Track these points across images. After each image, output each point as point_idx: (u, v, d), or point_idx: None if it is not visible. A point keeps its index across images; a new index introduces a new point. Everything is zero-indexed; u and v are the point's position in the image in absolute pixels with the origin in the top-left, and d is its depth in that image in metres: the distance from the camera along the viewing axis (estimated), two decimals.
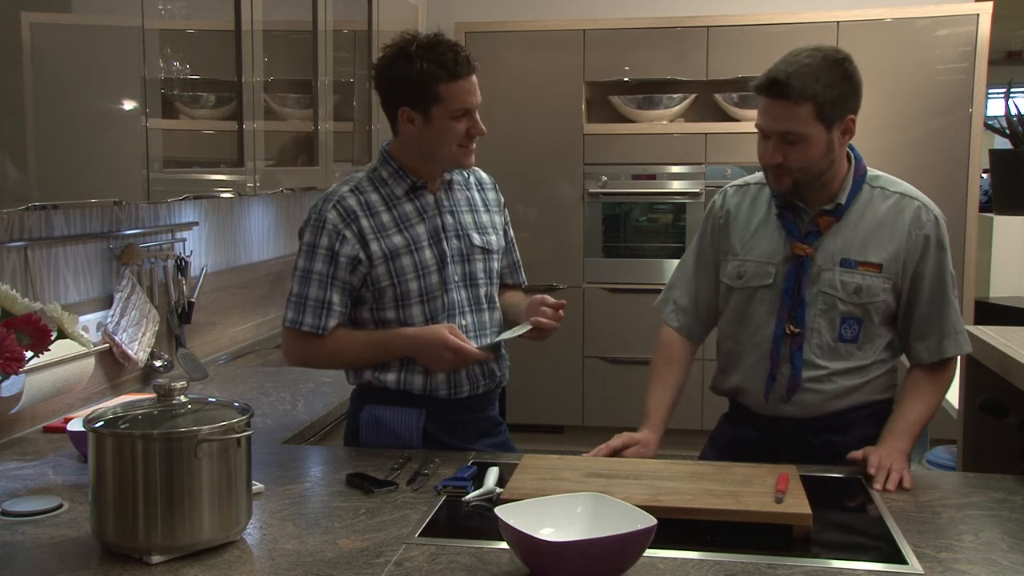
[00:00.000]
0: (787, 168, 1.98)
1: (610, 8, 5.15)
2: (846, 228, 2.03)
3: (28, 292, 2.28)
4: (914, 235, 2.02)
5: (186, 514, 1.50)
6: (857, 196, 2.04)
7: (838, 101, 1.93)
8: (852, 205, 2.04)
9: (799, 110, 1.92)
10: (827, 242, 2.03)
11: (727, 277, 2.14)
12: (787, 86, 1.91)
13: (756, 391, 2.10)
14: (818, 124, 1.93)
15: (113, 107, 2.17)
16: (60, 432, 2.26)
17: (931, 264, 2.02)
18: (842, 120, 1.96)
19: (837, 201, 2.03)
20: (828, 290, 2.02)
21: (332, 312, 2.07)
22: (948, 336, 2.03)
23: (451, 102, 2.03)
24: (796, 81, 1.91)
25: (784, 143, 1.96)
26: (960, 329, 2.04)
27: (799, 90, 1.91)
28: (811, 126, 1.93)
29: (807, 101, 1.91)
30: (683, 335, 2.23)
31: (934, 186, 2.14)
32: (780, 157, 1.97)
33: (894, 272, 2.02)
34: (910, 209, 2.04)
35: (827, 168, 1.99)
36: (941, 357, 2.04)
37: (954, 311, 2.04)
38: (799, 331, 2.03)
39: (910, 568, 1.51)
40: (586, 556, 1.40)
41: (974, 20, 4.55)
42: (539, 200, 5.01)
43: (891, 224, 2.03)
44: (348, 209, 2.07)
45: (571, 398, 5.05)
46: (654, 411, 2.15)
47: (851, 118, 1.97)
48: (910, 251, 2.02)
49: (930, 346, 2.04)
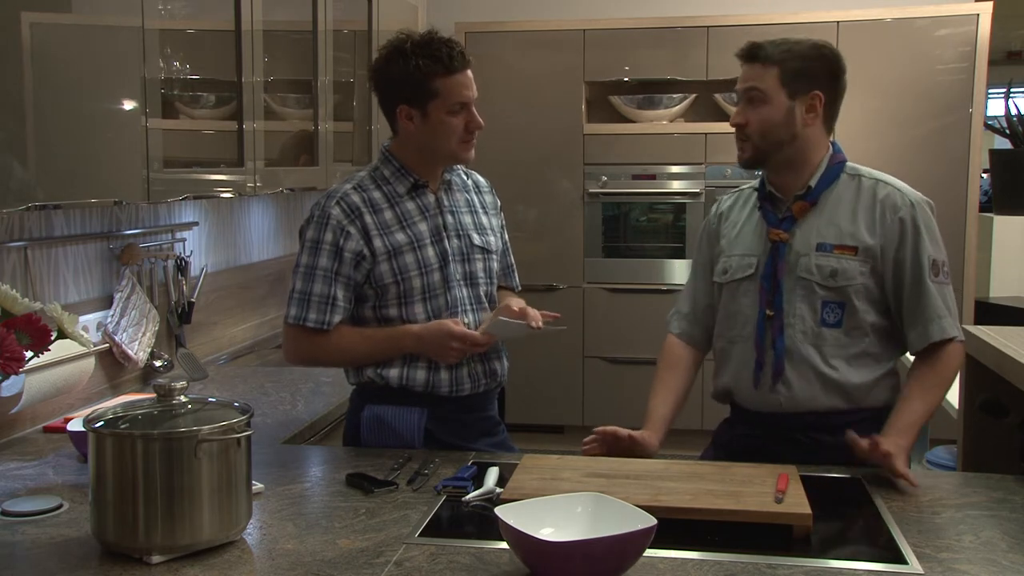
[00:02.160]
0: (748, 133, 2.06)
1: (610, 8, 5.15)
2: (822, 214, 2.07)
3: (28, 292, 2.28)
4: (889, 219, 2.04)
5: (186, 514, 1.50)
6: (834, 184, 2.08)
7: (804, 73, 2.03)
8: (828, 191, 2.07)
9: (765, 72, 2.03)
10: (803, 228, 2.07)
11: (716, 275, 2.19)
12: (760, 49, 2.05)
13: (745, 383, 2.11)
14: (781, 88, 2.03)
15: (113, 107, 2.17)
16: (60, 432, 2.26)
17: (909, 248, 2.03)
18: (806, 94, 2.03)
19: (808, 184, 2.06)
20: (805, 275, 2.05)
21: (337, 308, 2.07)
22: (932, 321, 2.02)
23: (448, 96, 2.04)
24: (769, 47, 2.04)
25: (748, 105, 2.06)
26: (943, 314, 2.03)
27: (768, 54, 2.04)
28: (774, 88, 2.03)
29: (774, 65, 2.03)
30: (684, 341, 2.27)
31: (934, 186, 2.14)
32: (743, 118, 2.07)
33: (871, 256, 2.03)
34: (885, 194, 2.06)
35: (788, 140, 2.04)
36: (928, 342, 2.03)
37: (934, 296, 2.02)
38: (772, 314, 2.06)
39: (910, 568, 1.51)
40: (586, 556, 1.40)
41: (974, 20, 4.56)
42: (539, 200, 5.02)
43: (867, 209, 2.05)
44: (352, 205, 2.08)
45: (571, 398, 5.05)
46: (654, 411, 2.16)
47: (817, 94, 2.04)
48: (887, 236, 2.03)
49: (919, 333, 2.04)
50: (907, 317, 2.05)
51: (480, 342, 2.08)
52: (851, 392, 2.06)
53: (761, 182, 2.15)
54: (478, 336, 2.07)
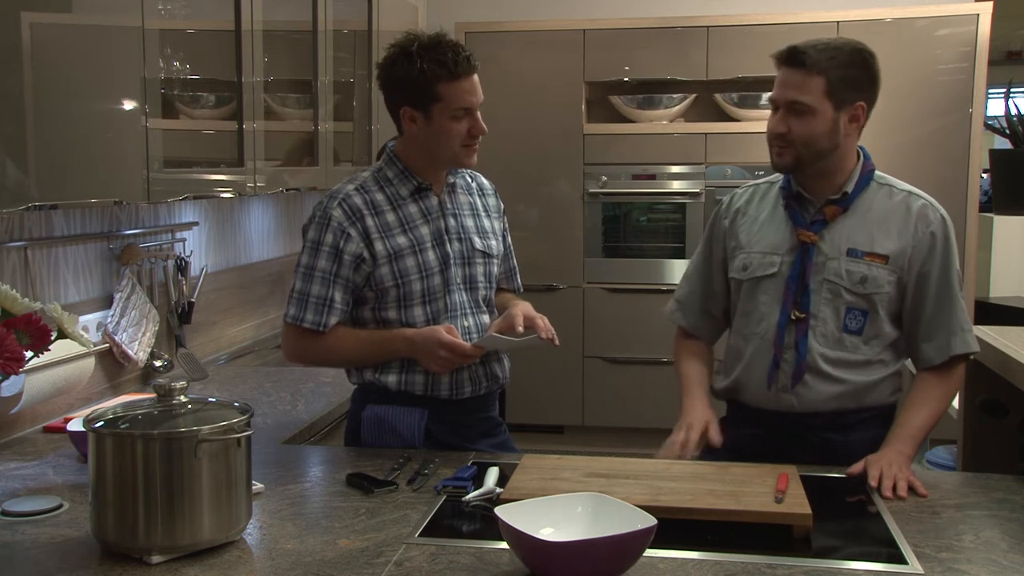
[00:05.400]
0: (790, 140, 2.01)
1: (610, 8, 5.15)
2: (853, 219, 2.05)
3: (28, 292, 2.28)
4: (921, 231, 2.03)
5: (186, 514, 1.50)
6: (865, 190, 2.07)
7: (850, 83, 1.98)
8: (859, 198, 2.06)
9: (811, 81, 1.97)
10: (834, 232, 2.05)
11: (735, 271, 2.16)
12: (804, 55, 1.97)
13: (757, 382, 2.10)
14: (826, 100, 1.97)
15: (113, 107, 2.17)
16: (60, 432, 2.26)
17: (938, 262, 2.03)
18: (851, 104, 1.99)
19: (844, 190, 2.05)
20: (833, 279, 2.03)
21: (334, 310, 2.07)
22: (955, 334, 2.03)
23: (451, 101, 2.03)
24: (813, 53, 1.97)
25: (791, 113, 2.00)
26: (967, 328, 2.04)
27: (814, 61, 1.97)
28: (820, 100, 1.97)
29: (820, 74, 1.96)
30: (689, 329, 2.27)
31: (934, 186, 2.14)
32: (785, 127, 2.01)
33: (900, 266, 2.03)
34: (917, 206, 2.05)
35: (830, 150, 2.01)
36: (949, 355, 2.03)
37: (961, 309, 2.04)
38: (804, 316, 2.04)
39: (910, 568, 1.51)
40: (586, 556, 1.40)
41: (974, 20, 4.56)
42: (539, 200, 5.02)
43: (899, 219, 2.04)
44: (353, 207, 2.08)
45: (571, 398, 5.05)
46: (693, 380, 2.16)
47: (860, 105, 2.01)
48: (917, 247, 2.03)
49: (940, 345, 2.03)
50: (925, 329, 2.04)
51: (469, 354, 2.06)
52: (861, 393, 2.06)
53: (787, 181, 2.12)
54: (467, 348, 2.05)
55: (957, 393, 2.13)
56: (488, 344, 2.10)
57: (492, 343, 2.10)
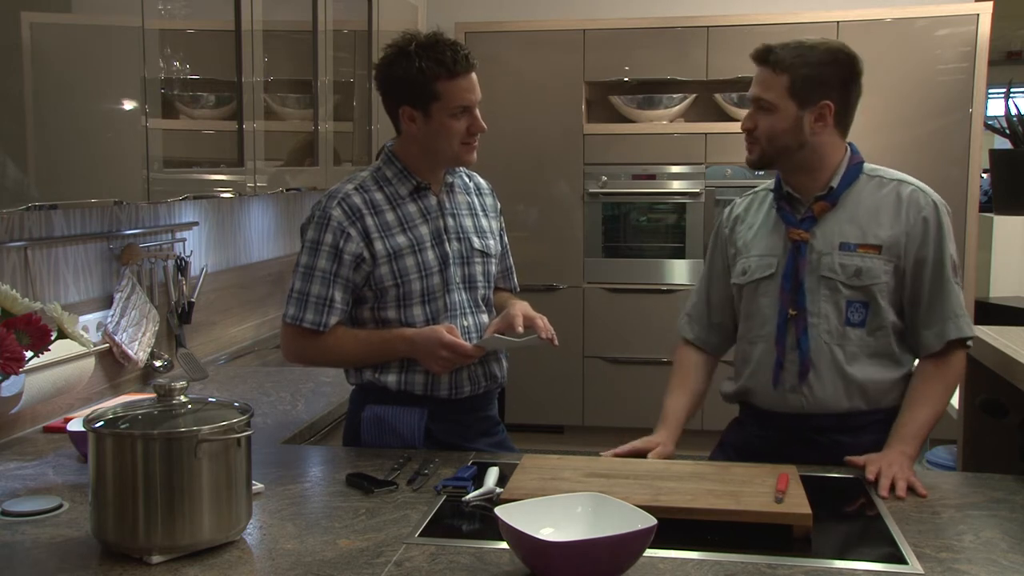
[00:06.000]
0: (756, 136, 2.06)
1: (610, 8, 5.15)
2: (843, 213, 2.06)
3: (28, 292, 2.28)
4: (913, 218, 2.03)
5: (186, 514, 1.50)
6: (853, 184, 2.07)
7: (815, 81, 2.01)
8: (848, 191, 2.07)
9: (775, 79, 2.01)
10: (824, 227, 2.06)
11: (736, 277, 2.17)
12: (772, 54, 2.02)
13: (764, 383, 2.10)
14: (789, 98, 2.01)
15: (113, 107, 2.17)
16: (60, 432, 2.26)
17: (932, 248, 2.03)
18: (816, 103, 2.01)
19: (830, 185, 2.06)
20: (829, 274, 2.04)
21: (333, 309, 2.07)
22: (950, 319, 2.03)
23: (450, 100, 2.04)
24: (780, 51, 2.01)
25: (758, 110, 2.05)
26: (962, 313, 2.04)
27: (779, 59, 2.01)
28: (782, 98, 2.01)
29: (784, 72, 2.00)
30: (696, 344, 2.26)
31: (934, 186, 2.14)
32: (752, 123, 2.07)
33: (895, 254, 2.03)
34: (907, 193, 2.06)
35: (795, 147, 2.04)
36: (945, 340, 2.03)
37: (956, 295, 2.04)
38: (796, 313, 2.05)
39: (910, 568, 1.51)
40: (586, 556, 1.40)
41: (974, 20, 4.56)
42: (539, 200, 5.02)
43: (890, 208, 2.05)
44: (353, 207, 2.08)
45: (571, 398, 5.05)
46: (670, 413, 2.16)
47: (827, 104, 2.02)
48: (910, 234, 2.03)
49: (938, 332, 2.03)
50: (924, 316, 2.05)
51: (470, 354, 2.07)
52: (871, 392, 2.06)
53: (777, 182, 2.14)
54: (468, 348, 2.05)
55: (957, 386, 2.12)
56: (489, 344, 2.10)
57: (493, 343, 2.10)
